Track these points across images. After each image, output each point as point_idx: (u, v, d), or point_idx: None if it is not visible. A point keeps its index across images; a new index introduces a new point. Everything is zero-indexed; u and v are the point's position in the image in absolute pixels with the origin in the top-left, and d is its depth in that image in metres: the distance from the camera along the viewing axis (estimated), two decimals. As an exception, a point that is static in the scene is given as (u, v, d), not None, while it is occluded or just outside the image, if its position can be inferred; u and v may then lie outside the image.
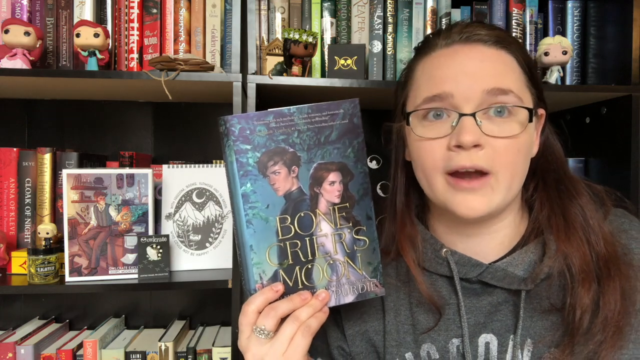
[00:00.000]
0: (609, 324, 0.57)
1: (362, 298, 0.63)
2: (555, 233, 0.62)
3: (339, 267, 0.61)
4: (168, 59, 0.97)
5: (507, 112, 0.60)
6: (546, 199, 0.66)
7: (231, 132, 0.57)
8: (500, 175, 0.59)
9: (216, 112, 1.32)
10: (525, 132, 0.61)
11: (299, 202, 0.60)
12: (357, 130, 0.61)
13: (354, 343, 0.71)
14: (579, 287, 0.59)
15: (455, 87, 0.60)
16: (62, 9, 1.10)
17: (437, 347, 0.65)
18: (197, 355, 1.14)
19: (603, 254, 0.60)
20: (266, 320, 0.56)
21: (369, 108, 1.33)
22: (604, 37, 1.17)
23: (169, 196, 1.09)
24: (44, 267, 0.97)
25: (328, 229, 0.61)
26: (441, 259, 0.67)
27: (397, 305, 0.69)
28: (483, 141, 0.58)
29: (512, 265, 0.63)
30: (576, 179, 0.68)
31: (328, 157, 0.60)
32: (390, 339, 0.67)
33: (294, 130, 0.59)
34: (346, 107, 0.61)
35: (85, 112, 1.29)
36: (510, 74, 0.62)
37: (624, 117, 1.09)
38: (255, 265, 0.59)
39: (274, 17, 1.16)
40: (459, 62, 0.62)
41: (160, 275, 1.00)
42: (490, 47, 0.62)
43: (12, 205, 1.09)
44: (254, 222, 0.58)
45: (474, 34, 0.63)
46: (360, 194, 0.62)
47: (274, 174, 0.58)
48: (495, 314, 0.64)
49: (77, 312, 1.30)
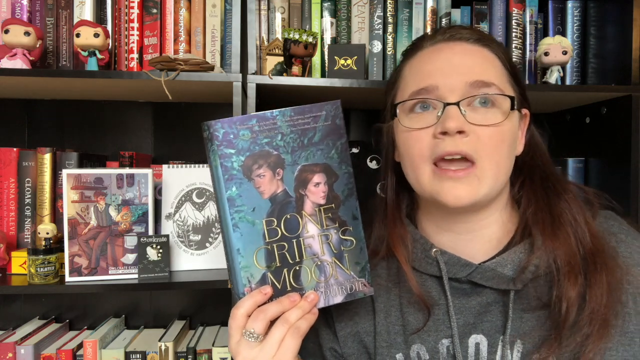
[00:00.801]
0: (596, 317, 0.57)
1: (351, 298, 0.63)
2: (541, 228, 0.63)
3: (326, 268, 0.62)
4: (168, 59, 0.97)
5: (490, 102, 0.62)
6: (532, 195, 0.67)
7: (215, 137, 0.57)
8: (486, 163, 0.60)
9: (216, 112, 1.32)
10: (509, 121, 0.62)
11: (285, 204, 0.60)
12: (340, 132, 0.62)
13: (346, 344, 0.71)
14: (565, 280, 0.59)
15: (440, 79, 0.62)
16: (62, 9, 1.10)
17: (427, 348, 0.65)
18: (197, 355, 1.14)
19: (590, 248, 0.61)
20: (255, 324, 0.57)
21: (369, 108, 1.34)
22: (604, 37, 1.18)
23: (169, 196, 1.09)
24: (44, 267, 0.97)
25: (315, 230, 0.61)
26: (431, 259, 0.67)
27: (387, 306, 0.69)
28: (467, 128, 0.60)
29: (501, 265, 0.63)
30: (562, 177, 0.69)
31: (312, 159, 0.61)
32: (380, 339, 0.68)
33: (277, 133, 0.59)
34: (328, 108, 0.61)
35: (85, 112, 1.29)
36: (492, 69, 0.64)
37: (624, 117, 1.09)
38: (243, 268, 0.59)
39: (274, 17, 1.16)
40: (443, 57, 0.65)
41: (160, 275, 1.00)
42: (472, 44, 0.65)
43: (12, 205, 1.09)
44: (241, 225, 0.58)
45: (457, 33, 0.66)
46: (345, 195, 0.62)
47: (259, 177, 0.59)
48: (484, 315, 0.64)
49: (77, 312, 1.30)
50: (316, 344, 0.74)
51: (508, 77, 0.66)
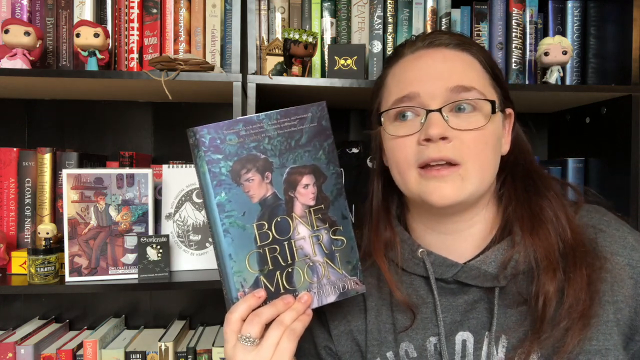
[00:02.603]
0: (574, 311, 0.58)
1: (343, 297, 0.64)
2: (521, 225, 0.64)
3: (318, 269, 0.62)
4: (168, 59, 0.97)
5: (471, 107, 0.63)
6: (513, 192, 0.68)
7: (201, 143, 0.57)
8: (470, 165, 0.61)
9: (216, 112, 1.32)
10: (491, 124, 0.63)
11: (275, 207, 0.60)
12: (327, 132, 0.62)
13: (339, 343, 0.72)
14: (543, 275, 0.60)
15: (421, 87, 0.63)
16: (62, 9, 1.10)
17: (415, 346, 0.66)
18: (197, 355, 1.14)
19: (570, 244, 0.62)
20: (251, 328, 0.57)
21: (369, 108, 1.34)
22: (604, 37, 1.18)
23: (169, 196, 1.09)
24: (44, 267, 0.97)
25: (305, 231, 0.61)
26: (417, 260, 0.68)
27: (378, 305, 0.70)
28: (450, 134, 0.61)
29: (485, 263, 0.64)
30: (545, 175, 0.70)
31: (300, 161, 0.61)
32: (371, 338, 0.69)
33: (264, 136, 0.59)
34: (314, 110, 0.61)
35: (85, 112, 1.29)
36: (471, 73, 0.65)
37: (624, 117, 1.09)
38: (236, 273, 0.59)
39: (274, 17, 1.16)
40: (423, 64, 0.66)
41: (160, 275, 1.00)
42: (452, 50, 0.66)
43: (12, 205, 1.09)
44: (231, 230, 0.58)
45: (436, 39, 0.67)
46: (334, 195, 0.63)
47: (248, 182, 0.59)
48: (471, 312, 0.65)
49: (77, 312, 1.30)
50: (311, 344, 0.75)
51: (489, 80, 0.67)
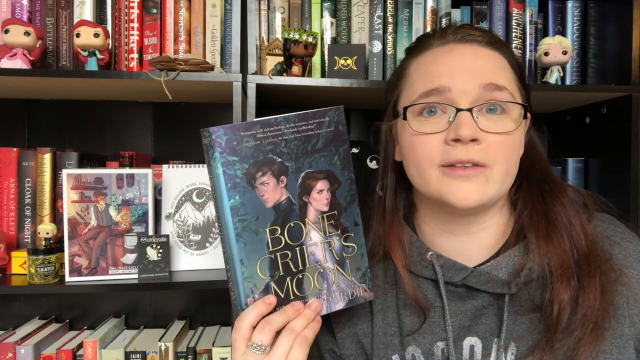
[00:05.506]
0: (588, 320, 0.57)
1: (352, 304, 0.63)
2: (536, 231, 0.63)
3: (329, 275, 0.61)
4: (168, 59, 0.97)
5: (500, 109, 0.61)
6: (529, 197, 0.66)
7: (217, 144, 0.55)
8: (495, 168, 0.60)
9: (216, 112, 1.32)
10: (519, 130, 0.62)
11: (289, 212, 0.59)
12: (343, 138, 0.61)
13: (344, 345, 0.71)
14: (557, 283, 0.59)
15: (452, 81, 0.61)
16: (62, 9, 1.10)
17: (422, 350, 0.65)
18: (197, 355, 1.14)
19: (584, 252, 0.61)
20: (262, 335, 0.55)
21: (369, 108, 1.34)
22: (604, 37, 1.18)
23: (169, 196, 1.09)
24: (44, 267, 0.97)
25: (317, 237, 0.61)
26: (426, 262, 0.66)
27: (384, 308, 0.69)
28: (480, 136, 0.59)
29: (496, 268, 0.63)
30: (559, 181, 0.68)
31: (315, 166, 0.60)
32: (377, 341, 0.67)
33: (281, 140, 0.58)
34: (331, 114, 0.60)
35: (85, 112, 1.29)
36: (503, 73, 0.63)
37: (624, 117, 1.09)
38: (247, 279, 0.57)
39: (274, 17, 1.16)
40: (455, 58, 0.63)
41: (160, 275, 1.00)
42: (484, 47, 0.64)
43: (12, 205, 1.09)
44: (244, 235, 0.57)
45: (468, 34, 0.65)
46: (347, 201, 0.62)
47: (263, 185, 0.57)
48: (479, 318, 0.64)
49: (77, 312, 1.30)
50: (314, 347, 0.74)
51: (517, 82, 0.65)
